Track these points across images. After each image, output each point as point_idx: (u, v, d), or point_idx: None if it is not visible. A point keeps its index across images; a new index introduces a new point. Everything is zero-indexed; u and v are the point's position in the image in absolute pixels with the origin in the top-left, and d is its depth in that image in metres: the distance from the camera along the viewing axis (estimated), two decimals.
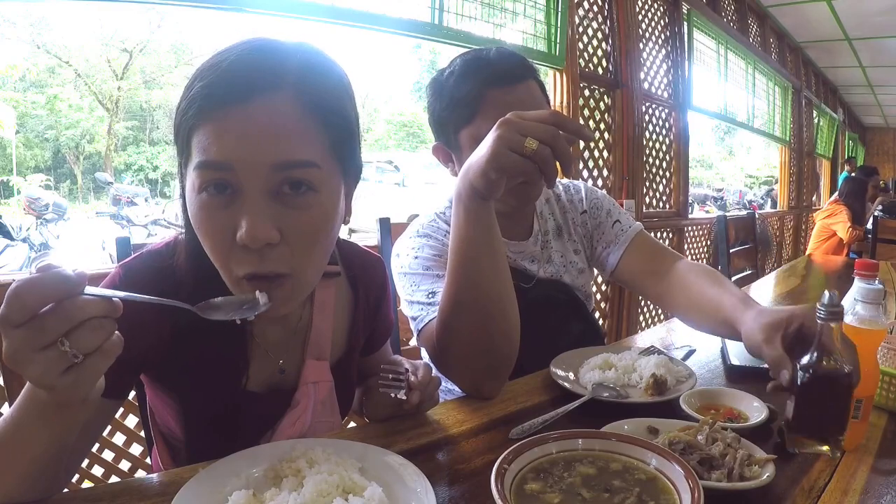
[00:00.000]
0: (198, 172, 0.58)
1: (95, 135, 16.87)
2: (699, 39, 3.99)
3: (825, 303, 0.68)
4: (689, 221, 3.81)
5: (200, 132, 0.57)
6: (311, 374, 0.78)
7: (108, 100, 17.19)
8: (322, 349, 0.79)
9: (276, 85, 0.58)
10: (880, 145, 11.84)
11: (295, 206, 0.60)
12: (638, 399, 0.90)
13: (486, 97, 1.03)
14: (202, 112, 0.57)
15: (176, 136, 0.62)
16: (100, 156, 17.18)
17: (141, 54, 17.61)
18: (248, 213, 0.57)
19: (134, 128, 18.29)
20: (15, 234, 5.26)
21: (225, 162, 0.56)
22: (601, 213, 1.27)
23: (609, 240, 1.24)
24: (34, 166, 16.12)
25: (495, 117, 0.89)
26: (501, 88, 1.03)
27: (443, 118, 1.09)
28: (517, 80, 1.05)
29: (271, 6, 1.76)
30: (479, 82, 1.04)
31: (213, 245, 0.60)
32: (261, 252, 0.58)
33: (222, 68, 0.58)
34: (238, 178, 0.57)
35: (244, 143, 0.56)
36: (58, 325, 0.44)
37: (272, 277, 0.60)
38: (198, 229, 0.61)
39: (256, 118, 0.57)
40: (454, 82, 1.06)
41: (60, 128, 16.24)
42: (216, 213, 0.58)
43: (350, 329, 0.85)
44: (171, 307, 0.55)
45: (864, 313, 0.75)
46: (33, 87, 16.08)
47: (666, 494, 0.58)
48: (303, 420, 0.77)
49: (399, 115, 22.84)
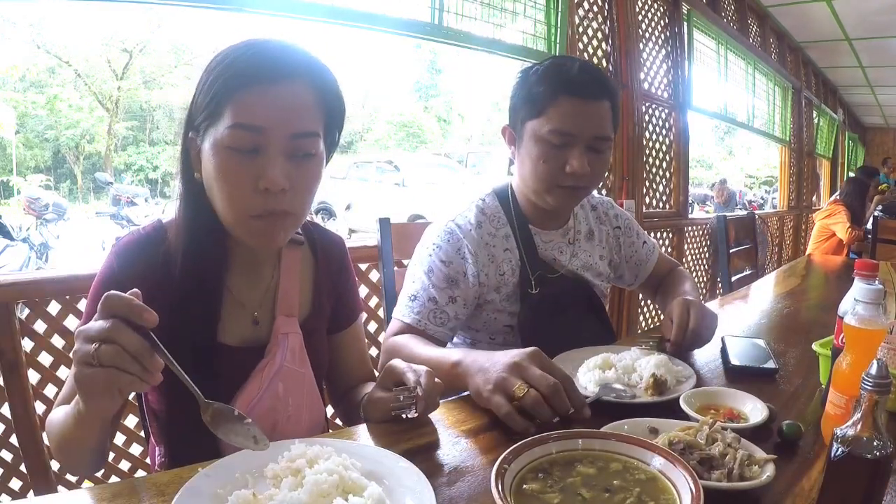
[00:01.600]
0: (232, 131, 0.72)
1: (95, 135, 16.86)
2: (699, 39, 3.99)
3: (872, 373, 0.58)
4: (689, 221, 3.80)
5: (238, 100, 0.72)
6: (282, 326, 0.88)
7: (108, 100, 17.18)
8: (291, 306, 0.90)
9: (296, 73, 0.75)
10: (880, 145, 11.83)
11: (299, 165, 0.77)
12: (638, 399, 0.90)
13: (556, 100, 1.11)
14: (243, 84, 0.72)
15: (206, 101, 0.74)
16: (100, 156, 17.18)
17: (141, 54, 17.61)
18: (270, 166, 0.73)
19: (134, 128, 18.29)
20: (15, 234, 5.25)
21: (259, 126, 0.72)
22: (632, 234, 1.44)
23: (640, 259, 1.45)
24: (34, 166, 16.12)
25: (558, 121, 1.10)
26: (572, 98, 1.11)
27: (517, 106, 1.19)
28: (590, 96, 1.12)
29: (271, 6, 1.76)
30: (555, 85, 1.11)
31: (232, 189, 0.75)
32: (275, 195, 0.75)
33: (253, 52, 0.74)
34: (265, 140, 0.73)
35: (274, 114, 0.73)
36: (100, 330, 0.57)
37: (279, 214, 0.76)
38: (221, 177, 0.74)
39: (283, 96, 0.74)
40: (535, 78, 1.14)
41: (60, 128, 16.23)
42: (241, 166, 0.74)
43: (314, 291, 0.96)
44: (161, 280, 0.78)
45: (864, 313, 0.75)
46: (33, 87, 16.08)
47: (666, 494, 0.58)
48: (274, 363, 0.86)
49: (399, 115, 22.83)
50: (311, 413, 0.92)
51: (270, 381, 0.85)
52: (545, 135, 1.12)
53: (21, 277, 1.33)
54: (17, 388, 1.30)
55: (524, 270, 1.22)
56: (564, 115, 1.10)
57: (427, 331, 1.14)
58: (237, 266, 0.87)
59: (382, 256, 1.44)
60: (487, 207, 1.25)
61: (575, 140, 1.12)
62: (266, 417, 0.85)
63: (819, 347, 1.02)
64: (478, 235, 1.20)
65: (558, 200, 1.17)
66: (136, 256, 0.82)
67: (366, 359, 1.09)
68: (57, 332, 1.36)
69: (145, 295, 0.76)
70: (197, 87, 0.77)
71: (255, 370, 0.85)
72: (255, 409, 0.84)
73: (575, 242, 1.32)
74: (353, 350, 1.05)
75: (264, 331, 0.88)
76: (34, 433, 1.33)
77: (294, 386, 0.88)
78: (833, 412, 0.76)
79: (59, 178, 16.83)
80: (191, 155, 0.80)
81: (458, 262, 1.18)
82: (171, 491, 0.60)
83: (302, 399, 0.89)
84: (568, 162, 1.12)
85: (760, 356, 1.11)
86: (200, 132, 0.77)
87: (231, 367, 0.83)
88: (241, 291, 0.87)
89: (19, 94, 15.44)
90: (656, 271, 1.47)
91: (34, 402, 1.34)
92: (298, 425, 0.89)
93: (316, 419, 0.93)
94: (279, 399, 0.86)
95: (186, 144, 0.80)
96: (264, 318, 0.88)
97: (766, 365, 1.07)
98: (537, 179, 1.16)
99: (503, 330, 1.26)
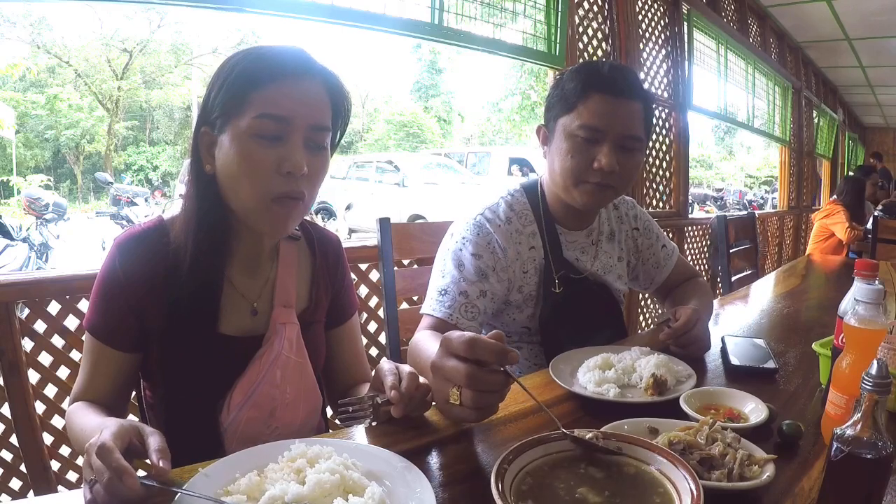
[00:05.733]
0: (259, 121, 0.79)
1: (95, 135, 16.86)
2: (699, 39, 3.99)
3: (872, 373, 0.58)
4: (689, 221, 3.81)
5: (265, 91, 0.79)
6: (280, 316, 0.91)
7: (108, 100, 17.19)
8: (288, 297, 0.94)
9: (313, 72, 0.83)
10: (880, 145, 11.83)
11: (313, 154, 0.83)
12: (638, 399, 0.90)
13: (586, 96, 1.13)
14: (269, 79, 0.79)
15: (227, 96, 0.79)
16: (100, 156, 17.19)
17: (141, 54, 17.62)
18: (293, 152, 0.80)
19: (134, 128, 18.29)
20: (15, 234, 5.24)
21: (284, 116, 0.79)
22: (651, 236, 1.43)
23: (657, 262, 1.44)
24: (34, 166, 16.12)
25: (588, 116, 1.12)
26: (602, 95, 1.12)
27: (551, 104, 1.21)
28: (619, 93, 1.12)
29: (271, 6, 1.76)
30: (586, 81, 1.13)
31: (256, 173, 0.80)
32: (296, 179, 0.81)
33: (275, 53, 0.81)
34: (288, 129, 0.80)
35: (297, 106, 0.80)
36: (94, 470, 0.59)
37: (295, 197, 0.82)
38: (245, 162, 0.80)
39: (305, 91, 0.81)
40: (568, 76, 1.17)
41: (60, 128, 16.24)
42: (266, 152, 0.80)
43: (312, 284, 0.99)
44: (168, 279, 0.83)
45: (864, 313, 0.75)
46: (33, 87, 16.08)
47: (666, 495, 0.58)
48: (272, 351, 0.89)
49: (399, 115, 22.83)
50: (308, 402, 0.94)
51: (268, 368, 0.88)
52: (574, 130, 1.13)
53: (21, 277, 1.33)
54: (18, 388, 1.30)
55: (548, 269, 1.22)
56: (594, 111, 1.12)
57: (459, 325, 1.12)
58: (237, 259, 0.91)
59: (382, 256, 1.44)
60: (516, 203, 1.26)
61: (604, 136, 1.12)
62: (264, 404, 0.88)
63: (819, 347, 1.02)
64: (506, 231, 1.21)
65: (586, 197, 1.17)
66: (138, 253, 0.85)
67: (362, 358, 1.10)
68: (57, 332, 1.36)
69: (147, 290, 0.84)
70: (211, 85, 0.82)
71: (254, 358, 0.88)
72: (254, 396, 0.87)
73: (597, 243, 1.32)
74: (349, 347, 1.07)
75: (263, 321, 0.91)
76: (34, 433, 1.33)
77: (291, 374, 0.91)
78: (833, 412, 0.76)
79: (59, 178, 16.83)
80: (201, 149, 0.83)
81: (487, 255, 1.17)
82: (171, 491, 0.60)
83: (299, 387, 0.92)
84: (596, 158, 1.13)
85: (760, 356, 1.11)
86: (217, 126, 0.81)
87: (231, 356, 0.87)
88: (241, 284, 0.91)
89: (19, 94, 15.44)
90: (672, 277, 1.45)
91: (34, 402, 1.34)
92: (296, 412, 0.92)
93: (313, 408, 0.96)
94: (277, 386, 0.89)
95: (198, 139, 0.84)
96: (263, 309, 0.92)
97: (766, 365, 1.07)
98: (565, 174, 1.16)
99: (520, 331, 1.26)
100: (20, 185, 11.52)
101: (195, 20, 21.16)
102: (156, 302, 0.84)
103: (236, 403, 0.85)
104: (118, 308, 0.84)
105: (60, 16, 16.33)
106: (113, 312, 0.85)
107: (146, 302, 0.84)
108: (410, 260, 1.69)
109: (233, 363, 0.87)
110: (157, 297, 0.84)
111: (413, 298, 1.55)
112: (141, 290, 0.84)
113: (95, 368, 0.87)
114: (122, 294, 0.84)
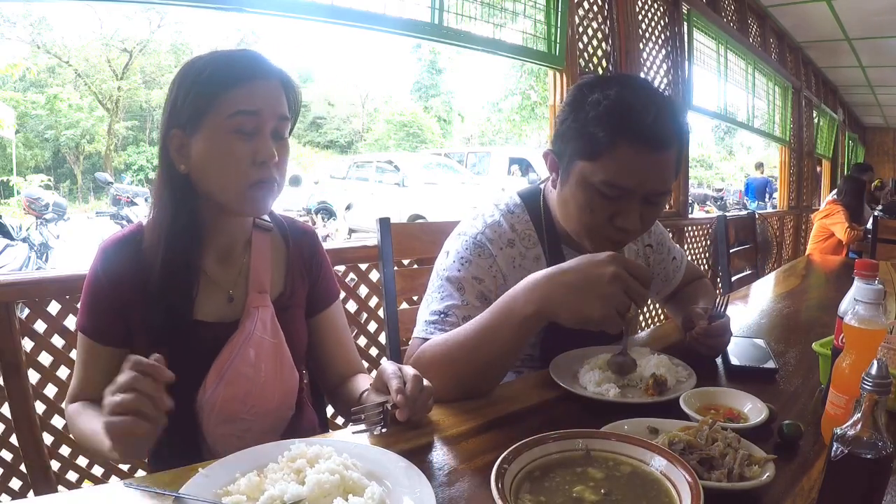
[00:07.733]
0: (237, 118, 0.86)
1: (95, 135, 16.86)
2: (699, 39, 3.99)
3: (872, 373, 0.58)
4: (689, 221, 3.80)
5: (235, 92, 0.86)
6: (254, 300, 0.96)
7: (108, 100, 17.19)
8: (262, 283, 0.99)
9: (272, 72, 0.92)
10: (880, 145, 11.84)
11: (278, 143, 0.92)
12: (638, 399, 0.90)
13: (615, 146, 0.94)
14: (239, 80, 0.87)
15: (196, 99, 0.86)
16: (100, 156, 17.18)
17: (141, 54, 17.62)
18: (266, 143, 0.89)
19: (134, 128, 18.29)
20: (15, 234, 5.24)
21: (257, 110, 0.88)
22: (663, 251, 1.40)
23: (667, 276, 1.41)
24: (34, 166, 16.11)
25: (614, 173, 0.95)
26: (637, 148, 0.94)
27: (566, 136, 1.02)
28: (657, 147, 0.95)
29: (271, 6, 1.76)
30: (618, 128, 0.94)
31: (236, 165, 0.87)
32: (269, 166, 0.89)
33: (239, 57, 0.90)
34: (260, 123, 0.88)
35: (266, 100, 0.89)
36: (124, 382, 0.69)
37: (270, 182, 0.90)
38: (224, 156, 0.87)
39: (269, 89, 0.90)
40: (595, 116, 0.96)
41: (60, 128, 16.23)
42: (243, 146, 0.88)
43: (287, 272, 1.04)
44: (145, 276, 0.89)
45: (864, 313, 0.75)
46: (33, 87, 16.08)
47: (666, 495, 0.58)
48: (244, 331, 0.93)
49: (399, 115, 22.82)
50: (285, 383, 0.98)
51: (241, 347, 0.93)
52: (596, 184, 0.97)
53: (21, 277, 1.33)
54: (17, 388, 1.30)
55: None
56: (624, 167, 0.94)
57: None
58: (212, 250, 0.96)
59: (382, 256, 1.44)
60: (518, 221, 1.14)
61: (631, 195, 0.97)
62: (238, 382, 0.92)
63: (819, 347, 1.02)
64: (508, 256, 1.10)
65: (598, 248, 0.98)
66: (118, 256, 0.92)
67: (348, 345, 1.12)
68: (57, 332, 1.36)
69: (128, 290, 0.92)
70: (176, 90, 0.89)
71: (229, 340, 0.93)
72: (228, 374, 0.91)
73: None
74: (332, 334, 1.10)
75: (238, 307, 0.96)
76: (34, 433, 1.33)
77: (265, 353, 0.95)
78: (833, 412, 0.76)
79: (59, 177, 16.82)
80: (171, 150, 0.90)
81: (489, 280, 1.08)
82: (171, 491, 0.60)
83: (274, 367, 0.96)
84: (618, 215, 0.99)
85: (760, 356, 1.11)
86: (188, 128, 0.88)
87: (206, 340, 0.92)
88: (216, 273, 0.97)
89: (19, 94, 15.44)
90: (682, 285, 1.44)
91: (34, 402, 1.34)
92: (273, 393, 0.96)
93: (290, 389, 1.00)
94: (251, 365, 0.93)
95: (167, 142, 0.90)
96: (238, 296, 0.97)
97: (766, 365, 1.07)
98: (579, 225, 1.04)
99: (523, 357, 1.18)
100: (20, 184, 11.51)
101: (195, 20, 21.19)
102: (136, 300, 0.90)
103: (212, 381, 0.91)
104: (104, 309, 0.92)
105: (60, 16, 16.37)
106: (100, 313, 0.92)
107: (128, 301, 0.91)
108: (410, 260, 1.69)
109: (210, 347, 0.92)
110: (137, 295, 0.90)
111: (413, 298, 1.55)
112: (122, 290, 0.91)
113: (89, 366, 0.94)
114: (105, 296, 0.91)
